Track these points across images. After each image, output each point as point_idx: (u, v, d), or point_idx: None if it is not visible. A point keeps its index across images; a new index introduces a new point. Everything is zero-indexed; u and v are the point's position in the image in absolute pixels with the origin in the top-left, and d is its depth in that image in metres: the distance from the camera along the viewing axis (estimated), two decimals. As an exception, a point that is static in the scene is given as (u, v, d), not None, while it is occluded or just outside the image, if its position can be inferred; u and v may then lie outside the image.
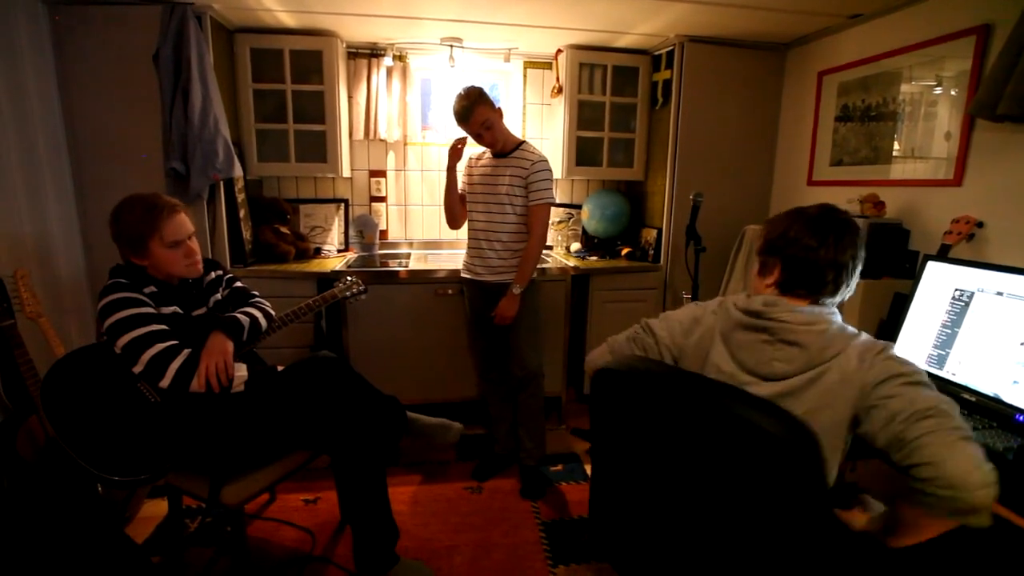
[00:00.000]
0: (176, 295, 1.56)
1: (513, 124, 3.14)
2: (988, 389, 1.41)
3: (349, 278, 2.09)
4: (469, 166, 2.24)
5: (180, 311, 1.55)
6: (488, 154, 2.17)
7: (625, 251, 3.04)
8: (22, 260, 1.95)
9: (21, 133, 1.99)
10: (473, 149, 2.18)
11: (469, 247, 2.24)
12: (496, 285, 2.14)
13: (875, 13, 2.22)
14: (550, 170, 2.09)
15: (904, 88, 2.13)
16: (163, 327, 1.46)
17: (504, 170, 2.09)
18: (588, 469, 2.41)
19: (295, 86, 2.67)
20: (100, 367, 1.48)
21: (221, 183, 2.39)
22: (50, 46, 2.13)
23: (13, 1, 1.94)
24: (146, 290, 1.49)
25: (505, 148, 2.11)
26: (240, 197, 2.57)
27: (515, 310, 2.09)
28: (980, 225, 1.81)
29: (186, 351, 1.45)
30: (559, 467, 2.44)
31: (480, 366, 2.36)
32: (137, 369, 1.41)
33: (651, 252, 2.95)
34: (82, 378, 1.47)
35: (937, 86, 2.01)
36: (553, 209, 2.13)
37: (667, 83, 2.78)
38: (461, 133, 2.10)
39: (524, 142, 2.13)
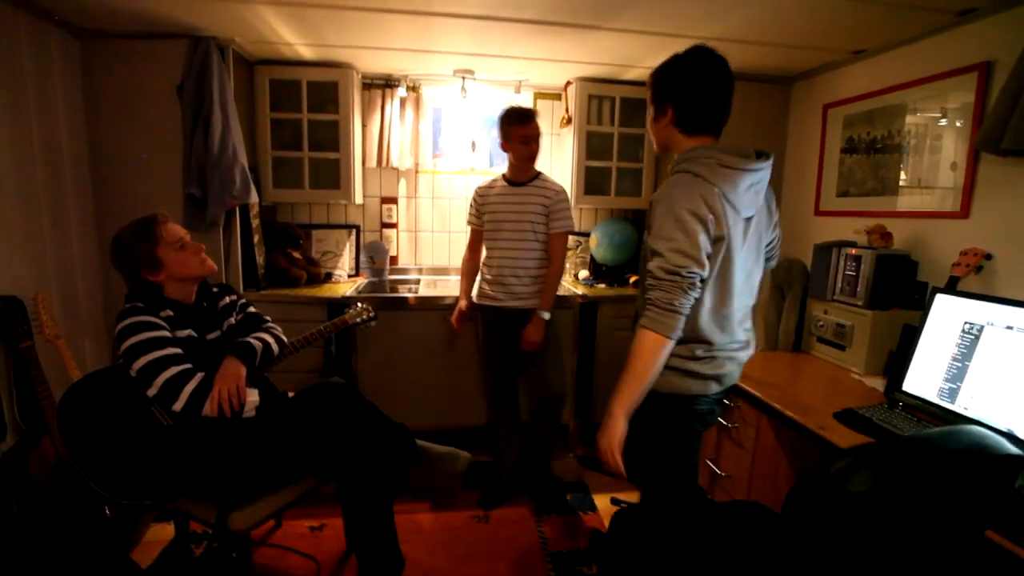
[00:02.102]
0: (191, 319, 1.59)
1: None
2: (1002, 424, 1.39)
3: (360, 304, 2.11)
4: (481, 194, 2.28)
5: (195, 335, 1.57)
6: (500, 183, 2.23)
7: (633, 279, 3.05)
8: (43, 282, 2.00)
9: (49, 159, 2.05)
10: (481, 178, 2.23)
11: (488, 275, 2.26)
12: (518, 311, 2.17)
13: (878, 49, 2.26)
14: (568, 199, 2.18)
15: (909, 120, 2.16)
16: (178, 351, 1.48)
17: (527, 199, 2.15)
18: (596, 500, 2.38)
19: (311, 115, 2.75)
20: (115, 390, 1.50)
21: (237, 209, 2.44)
22: (80, 77, 2.22)
23: (47, 35, 2.02)
24: (162, 314, 1.52)
25: (525, 176, 2.17)
26: (255, 223, 2.63)
27: (542, 335, 2.12)
28: (988, 257, 1.81)
29: (200, 375, 1.47)
30: (568, 496, 2.41)
31: (491, 393, 2.36)
32: (151, 392, 1.43)
33: (659, 280, 2.95)
34: (97, 401, 1.49)
35: (942, 118, 2.03)
36: (563, 237, 2.21)
37: (674, 114, 2.83)
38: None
39: (540, 173, 2.21)
